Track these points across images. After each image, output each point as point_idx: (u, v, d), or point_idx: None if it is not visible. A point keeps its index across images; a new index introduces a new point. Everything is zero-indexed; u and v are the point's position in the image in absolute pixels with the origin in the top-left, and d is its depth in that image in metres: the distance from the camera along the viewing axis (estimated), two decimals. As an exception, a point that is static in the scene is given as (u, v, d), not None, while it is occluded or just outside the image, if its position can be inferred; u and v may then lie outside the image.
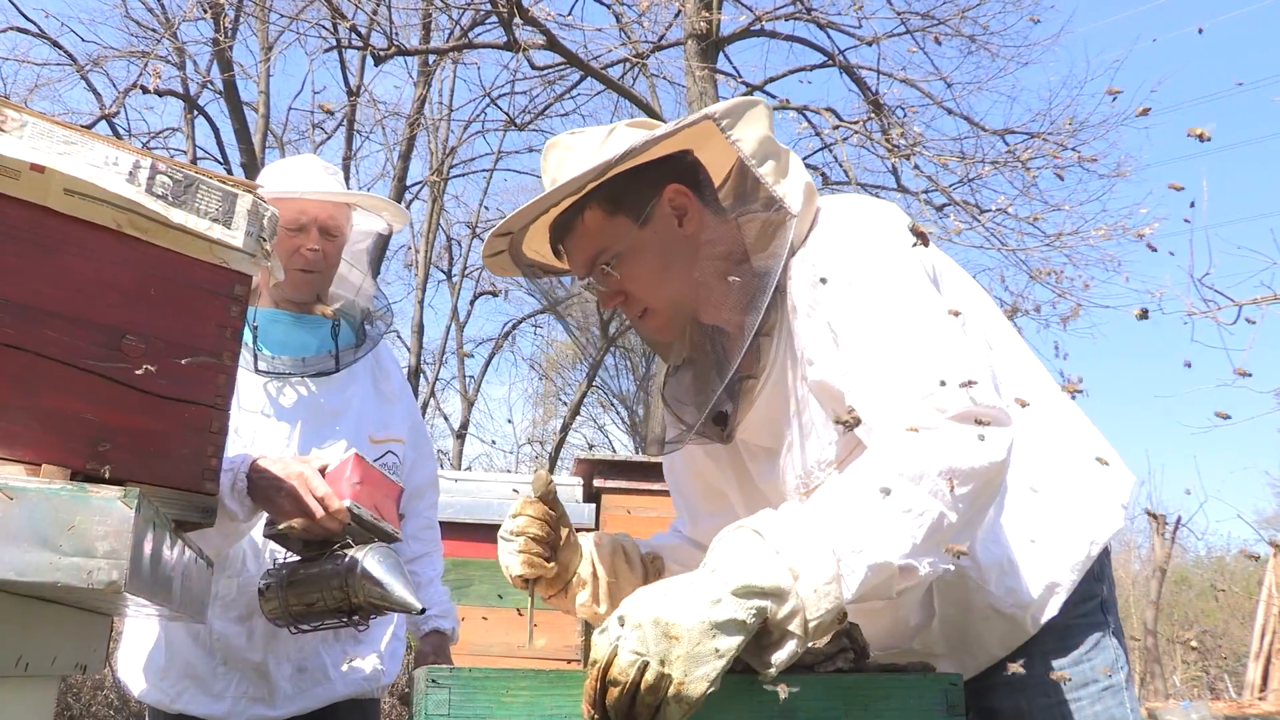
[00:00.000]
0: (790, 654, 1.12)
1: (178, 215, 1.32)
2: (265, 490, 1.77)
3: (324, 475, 1.81)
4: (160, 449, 1.30)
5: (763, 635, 1.13)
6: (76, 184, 1.25)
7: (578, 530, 1.62)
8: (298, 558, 1.87)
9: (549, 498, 1.54)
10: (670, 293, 1.50)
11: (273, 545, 1.95)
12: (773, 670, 1.13)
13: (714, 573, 1.13)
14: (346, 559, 1.79)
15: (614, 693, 1.06)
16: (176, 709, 2.06)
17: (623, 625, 1.08)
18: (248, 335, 2.04)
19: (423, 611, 1.82)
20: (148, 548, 1.12)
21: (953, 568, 1.22)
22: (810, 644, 1.16)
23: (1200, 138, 1.74)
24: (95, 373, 1.25)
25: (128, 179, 1.28)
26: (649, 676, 1.05)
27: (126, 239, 1.30)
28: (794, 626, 1.12)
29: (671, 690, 1.05)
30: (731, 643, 1.08)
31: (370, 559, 1.78)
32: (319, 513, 1.76)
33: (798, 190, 1.46)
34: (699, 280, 1.50)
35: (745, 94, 11.36)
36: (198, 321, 1.35)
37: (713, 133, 1.47)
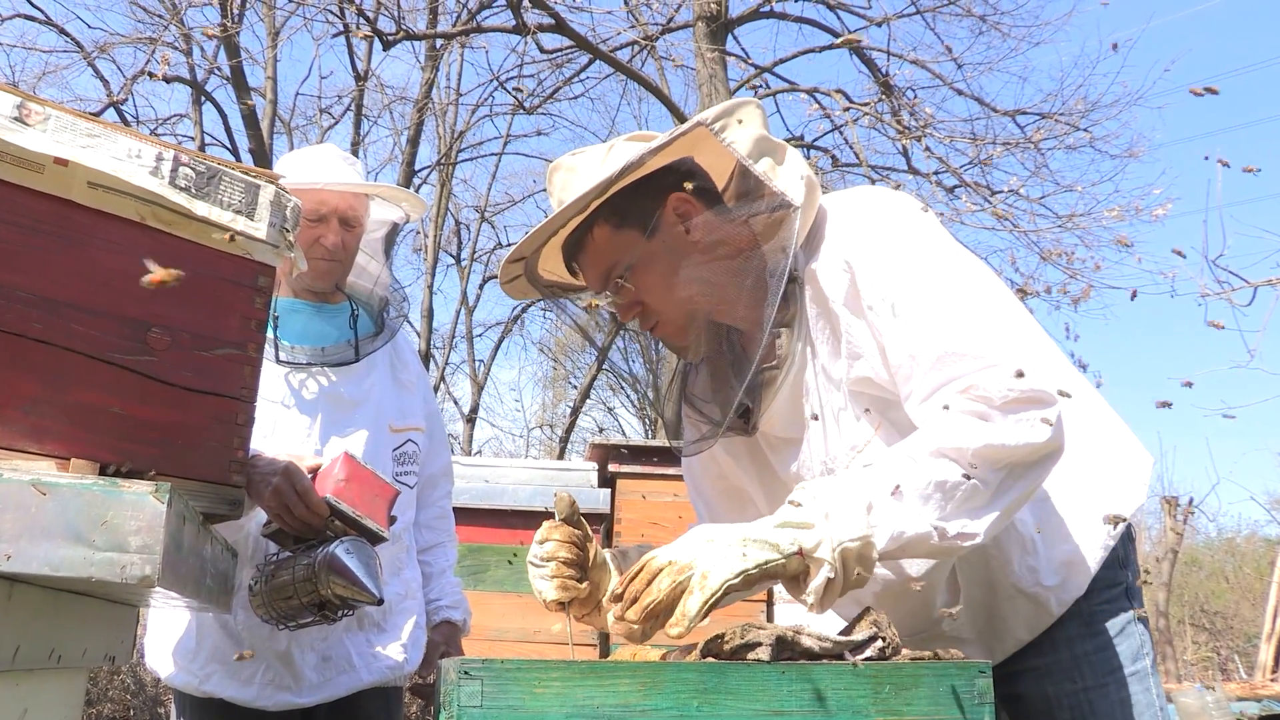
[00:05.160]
0: (823, 579, 1.19)
1: (201, 207, 1.31)
2: (253, 483, 1.77)
3: (315, 474, 1.82)
4: (187, 442, 1.30)
5: (802, 578, 1.22)
6: (100, 177, 1.25)
7: (595, 517, 1.66)
8: (286, 554, 1.85)
9: (573, 519, 1.55)
10: (684, 299, 1.53)
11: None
12: (809, 597, 1.20)
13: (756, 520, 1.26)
14: (318, 553, 1.77)
15: (637, 574, 1.21)
16: (205, 691, 2.07)
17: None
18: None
19: (380, 602, 1.79)
20: (179, 542, 1.12)
21: (979, 540, 1.27)
22: (845, 579, 1.21)
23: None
24: (122, 366, 1.25)
25: (151, 172, 1.28)
26: (679, 563, 1.19)
27: (150, 231, 1.30)
28: (821, 552, 1.19)
29: (696, 579, 1.17)
30: (760, 555, 1.18)
31: (337, 549, 1.76)
32: (299, 508, 1.76)
33: (797, 183, 1.49)
34: (712, 283, 1.53)
35: (755, 75, 11.32)
36: (222, 313, 1.35)
37: (708, 137, 1.49)
